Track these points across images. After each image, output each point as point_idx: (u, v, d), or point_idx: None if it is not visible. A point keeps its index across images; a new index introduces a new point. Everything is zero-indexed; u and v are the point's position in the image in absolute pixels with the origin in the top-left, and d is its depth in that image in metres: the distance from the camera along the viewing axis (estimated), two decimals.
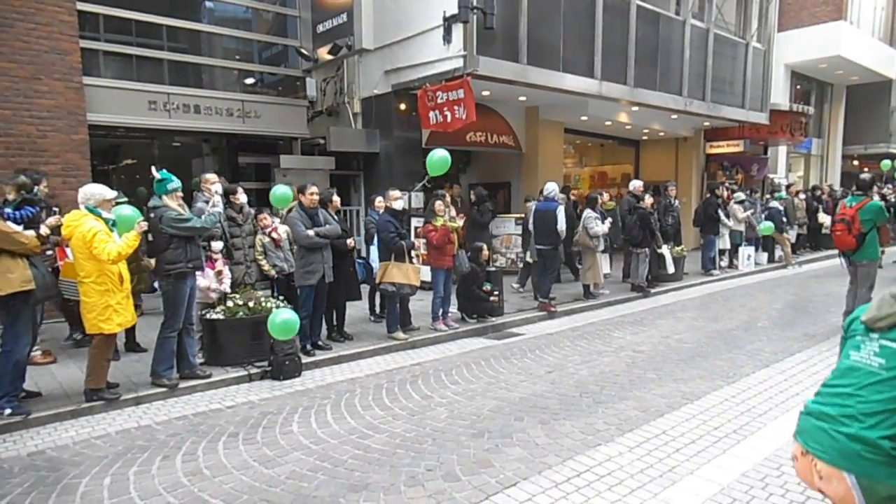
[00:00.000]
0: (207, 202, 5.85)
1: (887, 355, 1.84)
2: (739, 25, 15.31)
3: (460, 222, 7.97)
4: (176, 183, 5.40)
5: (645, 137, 16.59)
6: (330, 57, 11.25)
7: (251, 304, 6.15)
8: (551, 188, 9.02)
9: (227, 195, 6.60)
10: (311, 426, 4.61)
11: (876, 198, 7.57)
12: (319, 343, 6.74)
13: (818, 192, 16.30)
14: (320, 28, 11.38)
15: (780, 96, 17.56)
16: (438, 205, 7.61)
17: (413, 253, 7.74)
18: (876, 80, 20.61)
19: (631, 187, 10.96)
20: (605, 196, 10.90)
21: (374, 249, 7.86)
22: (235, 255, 6.56)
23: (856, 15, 18.86)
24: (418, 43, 10.02)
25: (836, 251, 7.87)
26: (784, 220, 13.56)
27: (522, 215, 11.39)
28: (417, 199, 10.79)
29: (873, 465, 1.73)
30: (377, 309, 8.28)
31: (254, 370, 5.88)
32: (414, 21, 10.00)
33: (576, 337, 7.50)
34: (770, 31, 15.94)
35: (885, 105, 21.83)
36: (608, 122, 13.55)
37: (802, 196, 15.73)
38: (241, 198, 6.71)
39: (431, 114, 9.98)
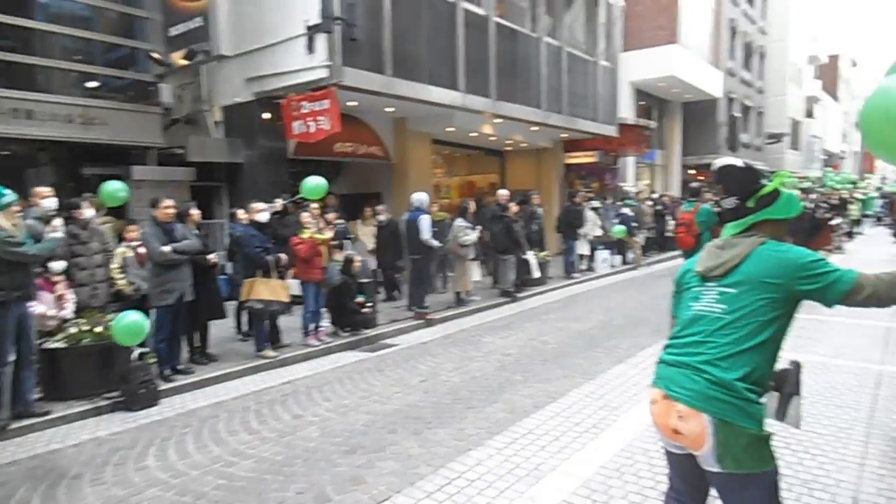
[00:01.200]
0: (40, 219, 5.28)
1: (727, 300, 2.06)
2: (589, 44, 16.51)
3: (329, 233, 7.84)
4: (9, 197, 4.80)
5: (509, 148, 17.33)
6: (185, 62, 10.61)
7: (98, 329, 5.62)
8: (417, 198, 9.17)
9: (69, 210, 6.00)
10: (168, 459, 4.28)
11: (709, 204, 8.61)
12: (180, 367, 6.30)
13: (655, 197, 17.96)
14: (173, 31, 10.70)
15: (627, 111, 19.13)
16: (305, 216, 7.44)
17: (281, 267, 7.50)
18: (706, 98, 23.11)
19: (498, 196, 11.41)
20: (435, 207, 11.15)
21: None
22: (79, 275, 5.97)
23: (686, 39, 21.04)
24: (281, 51, 9.75)
25: (680, 252, 8.78)
26: (634, 224, 14.79)
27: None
28: None
29: (728, 406, 1.92)
30: (244, 327, 7.91)
31: (103, 402, 5.37)
32: (275, 28, 9.71)
33: (448, 344, 7.64)
34: (615, 51, 17.36)
35: (714, 120, 24.54)
36: (474, 134, 14.00)
37: (650, 202, 17.24)
38: (87, 213, 6.13)
39: (295, 123, 9.75)
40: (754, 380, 1.97)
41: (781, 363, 2.20)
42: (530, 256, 11.25)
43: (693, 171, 25.61)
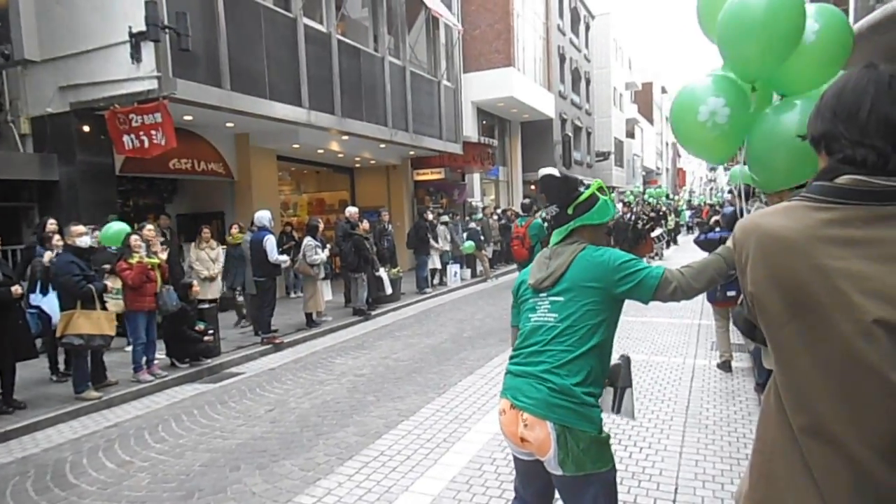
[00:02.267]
0: None
1: (557, 309, 2.18)
2: (431, 65, 17.01)
3: (164, 255, 7.23)
4: None
5: (358, 165, 17.26)
6: None
7: None
8: (260, 217, 8.80)
9: None
10: None
11: (538, 218, 9.25)
12: None
13: (500, 212, 18.89)
14: None
15: (471, 130, 19.94)
16: (134, 239, 6.80)
17: (107, 297, 6.77)
18: (542, 118, 24.80)
19: (346, 213, 11.27)
20: (235, 229, 10.01)
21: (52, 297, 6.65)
22: None
23: (521, 63, 22.46)
24: (101, 58, 8.89)
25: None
26: (482, 238, 15.37)
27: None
28: None
29: (568, 412, 2.03)
30: (61, 366, 7.01)
31: None
32: (94, 33, 8.84)
33: (298, 369, 7.35)
34: (457, 72, 18.05)
35: (550, 139, 26.37)
36: (321, 151, 13.77)
37: (495, 217, 18.05)
38: None
39: (126, 138, 8.92)
40: (591, 382, 2.10)
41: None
42: (383, 273, 11.24)
43: (534, 187, 27.27)
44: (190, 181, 12.57)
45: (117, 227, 7.56)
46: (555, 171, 2.41)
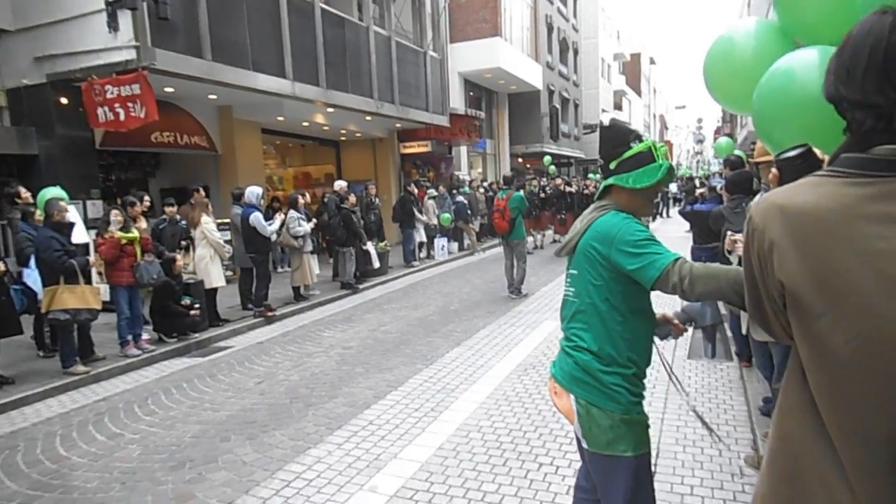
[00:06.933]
0: None
1: (574, 282, 2.08)
2: (417, 35, 16.77)
3: (135, 232, 7.05)
4: None
5: (343, 138, 17.10)
6: None
7: None
8: (249, 192, 8.74)
9: None
10: None
11: (523, 191, 9.35)
12: None
13: (487, 185, 18.83)
14: None
15: (457, 101, 19.77)
16: (114, 213, 6.73)
17: (94, 271, 6.71)
18: (529, 90, 24.62)
19: (336, 187, 11.21)
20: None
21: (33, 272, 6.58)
22: None
23: (508, 33, 22.21)
24: (77, 27, 8.67)
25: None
26: (469, 212, 15.36)
27: (228, 221, 10.76)
28: (95, 209, 9.40)
29: (590, 388, 1.97)
30: (48, 341, 6.98)
31: None
32: (69, 1, 8.62)
33: (287, 342, 7.38)
34: (443, 42, 17.81)
35: (537, 111, 26.22)
36: (305, 123, 13.61)
37: (482, 190, 18.02)
38: None
39: (100, 110, 8.74)
40: (613, 364, 1.97)
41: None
42: (370, 247, 11.23)
43: (521, 160, 27.22)
44: (173, 155, 12.39)
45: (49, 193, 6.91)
46: (604, 119, 2.15)
